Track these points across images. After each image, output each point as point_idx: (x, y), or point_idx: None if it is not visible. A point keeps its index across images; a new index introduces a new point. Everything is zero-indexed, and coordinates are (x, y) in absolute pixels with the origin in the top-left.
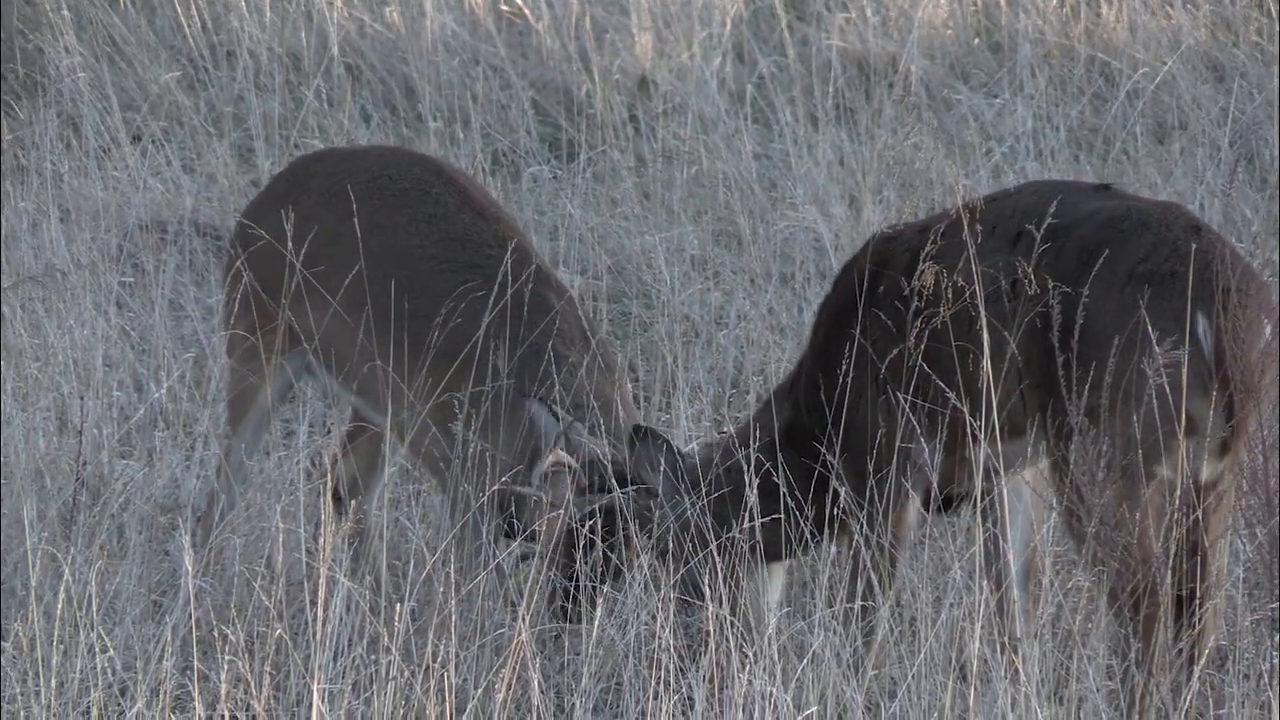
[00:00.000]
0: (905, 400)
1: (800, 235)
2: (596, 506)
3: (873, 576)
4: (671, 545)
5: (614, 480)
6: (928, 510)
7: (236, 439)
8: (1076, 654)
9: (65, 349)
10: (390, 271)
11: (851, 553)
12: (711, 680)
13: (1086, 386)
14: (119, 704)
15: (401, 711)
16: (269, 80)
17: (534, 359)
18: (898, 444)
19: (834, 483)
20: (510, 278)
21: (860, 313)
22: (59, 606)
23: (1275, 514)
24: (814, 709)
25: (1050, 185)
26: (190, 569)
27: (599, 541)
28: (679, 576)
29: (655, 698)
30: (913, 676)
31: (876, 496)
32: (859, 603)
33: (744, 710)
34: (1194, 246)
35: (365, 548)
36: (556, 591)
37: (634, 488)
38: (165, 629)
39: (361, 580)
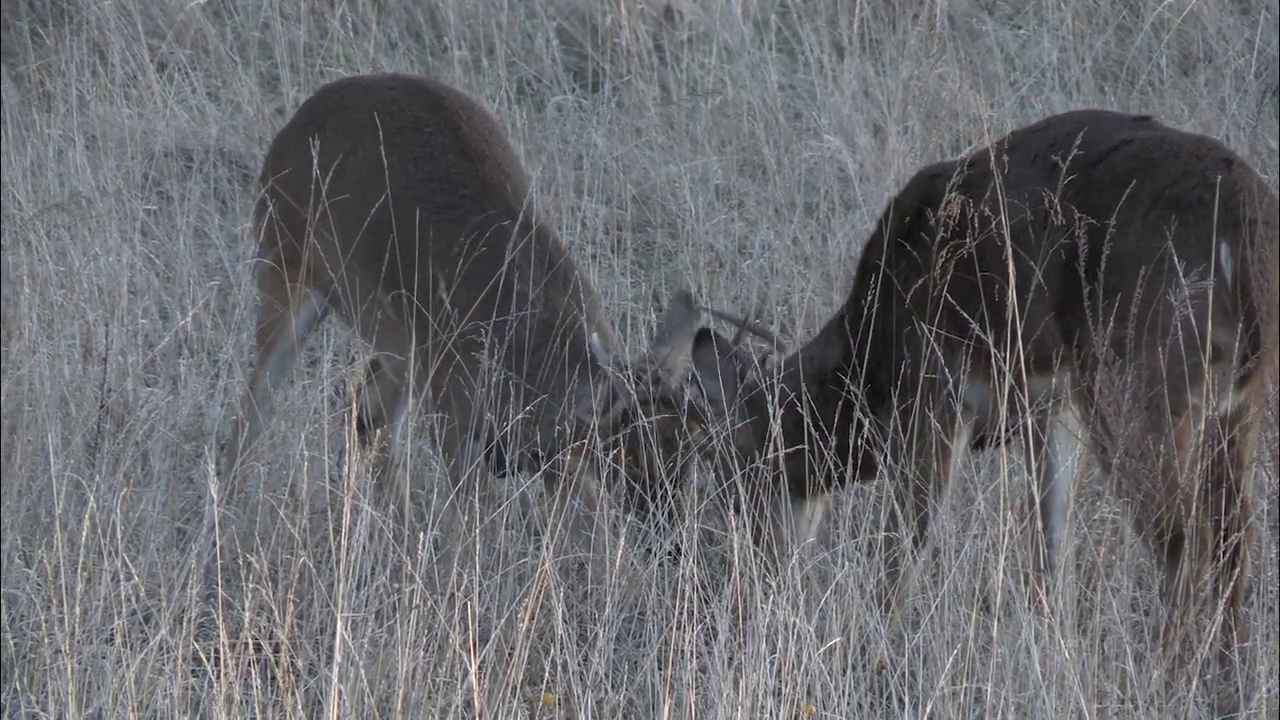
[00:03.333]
0: (936, 333)
1: (825, 165)
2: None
3: (897, 509)
4: (730, 450)
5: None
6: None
7: (262, 368)
8: (1101, 586)
9: (90, 276)
10: (378, 214)
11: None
12: (735, 610)
13: (1112, 316)
14: (143, 631)
15: (424, 640)
16: (294, 8)
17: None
18: (940, 378)
19: (858, 414)
20: (485, 216)
21: (906, 249)
22: (83, 534)
23: None
24: (837, 640)
25: (1092, 115)
26: (215, 497)
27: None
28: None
29: (678, 628)
30: (936, 608)
31: (901, 429)
32: (883, 533)
33: (767, 641)
34: (1221, 177)
35: (389, 476)
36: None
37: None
38: (189, 557)
39: (385, 509)
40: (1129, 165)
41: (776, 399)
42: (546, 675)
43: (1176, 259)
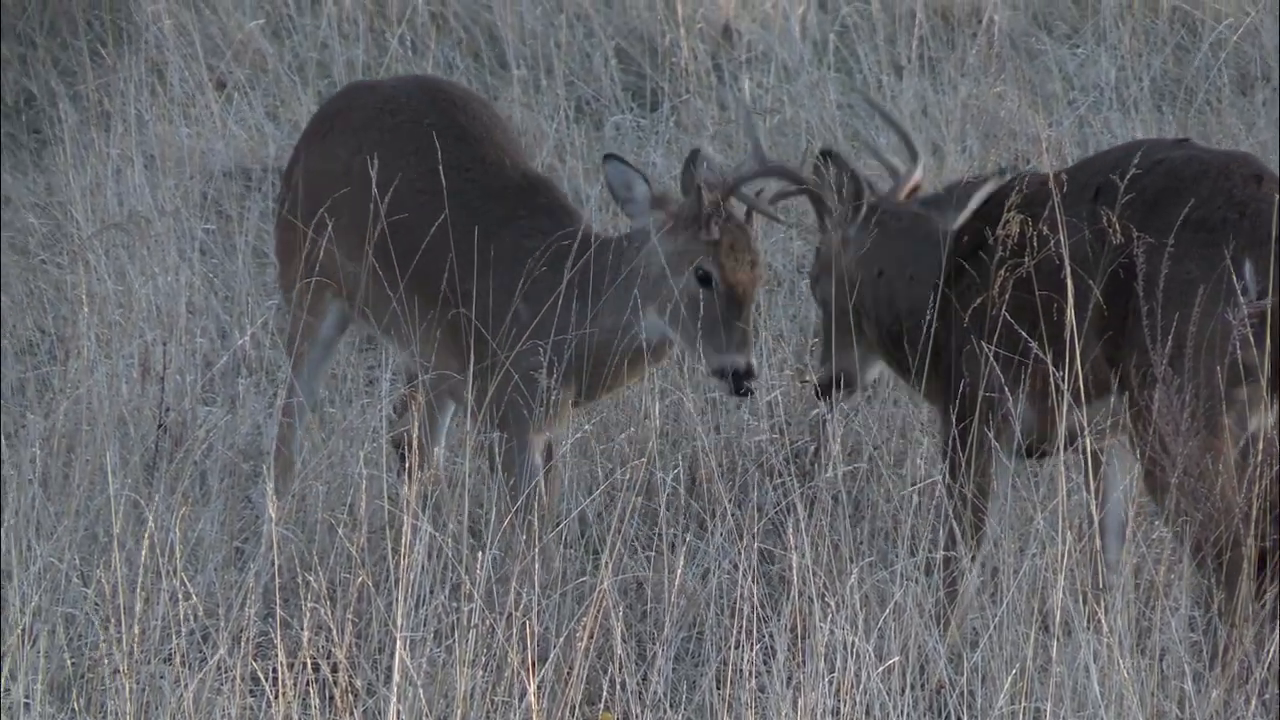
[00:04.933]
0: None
1: (883, 184)
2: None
3: (955, 528)
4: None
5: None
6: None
7: (294, 377)
8: (1159, 605)
9: (149, 296)
10: (384, 209)
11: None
12: (793, 630)
13: (1139, 333)
14: (201, 651)
15: (483, 660)
16: (353, 27)
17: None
18: (998, 397)
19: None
20: (485, 196)
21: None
22: (142, 553)
23: None
24: (896, 659)
25: (1136, 144)
26: (273, 515)
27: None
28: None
29: (737, 647)
30: (995, 627)
31: (960, 447)
32: (941, 553)
33: (826, 660)
34: (1248, 194)
35: (442, 493)
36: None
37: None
38: (247, 576)
39: (444, 527)
40: (1161, 184)
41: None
42: (605, 695)
43: (1203, 278)
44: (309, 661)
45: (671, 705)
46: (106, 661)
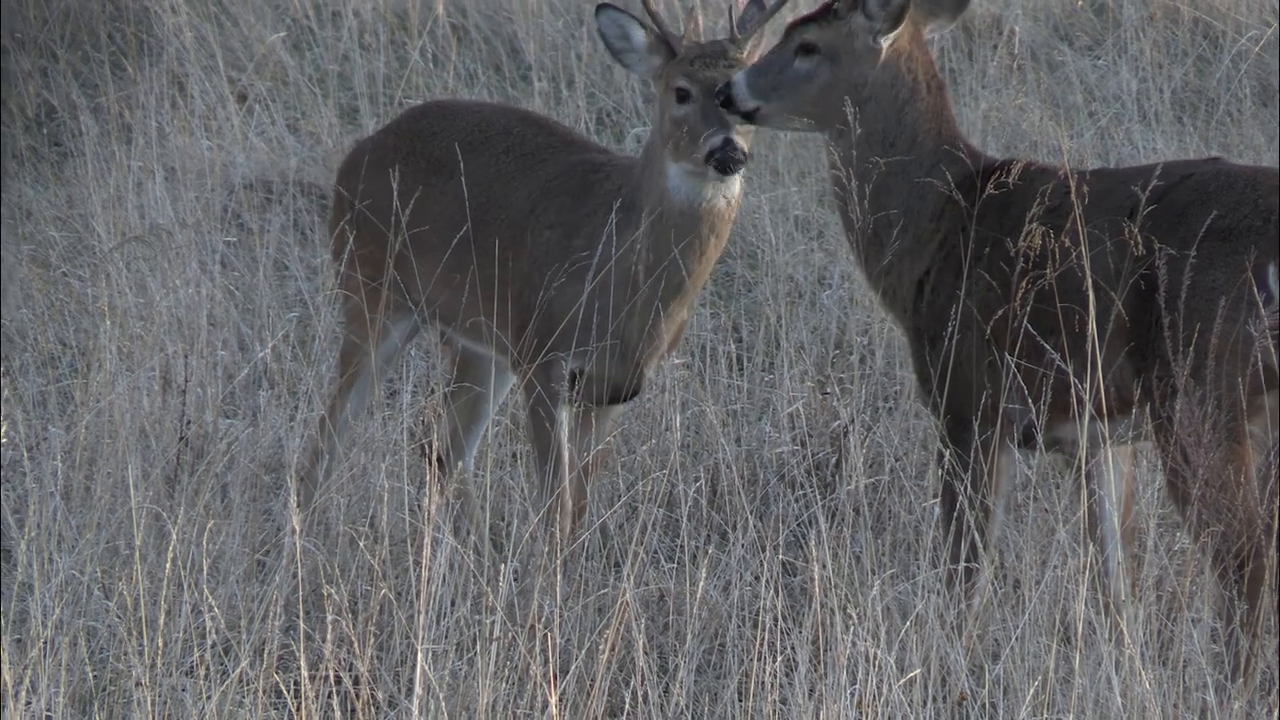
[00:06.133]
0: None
1: None
2: None
3: (977, 539)
4: None
5: None
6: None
7: (342, 398)
8: (1181, 617)
9: (170, 308)
10: (479, 201)
11: (955, 514)
12: (815, 642)
13: (1161, 344)
14: (223, 663)
15: (505, 672)
16: (374, 39)
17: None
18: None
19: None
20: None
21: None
22: (164, 566)
23: None
24: (917, 671)
25: (1167, 163)
26: (296, 528)
27: None
28: None
29: (759, 659)
30: (1016, 639)
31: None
32: (962, 564)
33: (847, 672)
34: (1274, 203)
35: (467, 507)
36: None
37: None
38: (269, 589)
39: (465, 540)
40: (1188, 198)
41: None
42: (627, 707)
43: (1226, 287)
44: (331, 674)
45: (694, 717)
46: (128, 674)
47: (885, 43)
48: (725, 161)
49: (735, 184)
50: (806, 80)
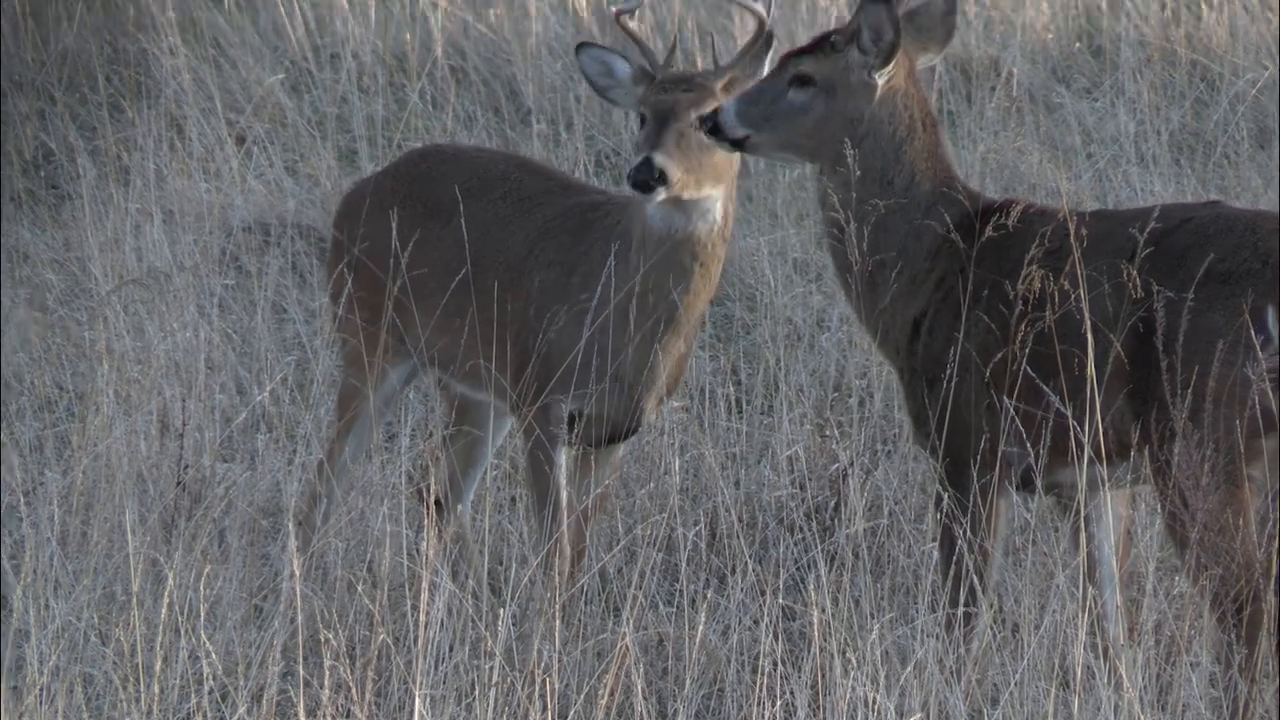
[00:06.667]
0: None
1: None
2: None
3: (976, 584)
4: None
5: None
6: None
7: (340, 442)
8: (1180, 661)
9: (167, 352)
10: (477, 245)
11: (954, 558)
12: (814, 686)
13: (1160, 387)
14: (220, 710)
15: (504, 717)
16: (372, 82)
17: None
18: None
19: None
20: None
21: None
22: (161, 612)
23: None
24: (917, 716)
25: (1166, 206)
26: (296, 572)
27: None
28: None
29: (758, 704)
30: (1015, 683)
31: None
32: (961, 608)
33: (847, 717)
34: (1274, 246)
35: (465, 551)
36: None
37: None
38: (267, 634)
39: (464, 585)
40: (1188, 241)
41: None
42: None
43: (1225, 330)
44: None
45: None
46: None
47: (880, 79)
48: (637, 181)
49: (715, 210)
50: (801, 112)
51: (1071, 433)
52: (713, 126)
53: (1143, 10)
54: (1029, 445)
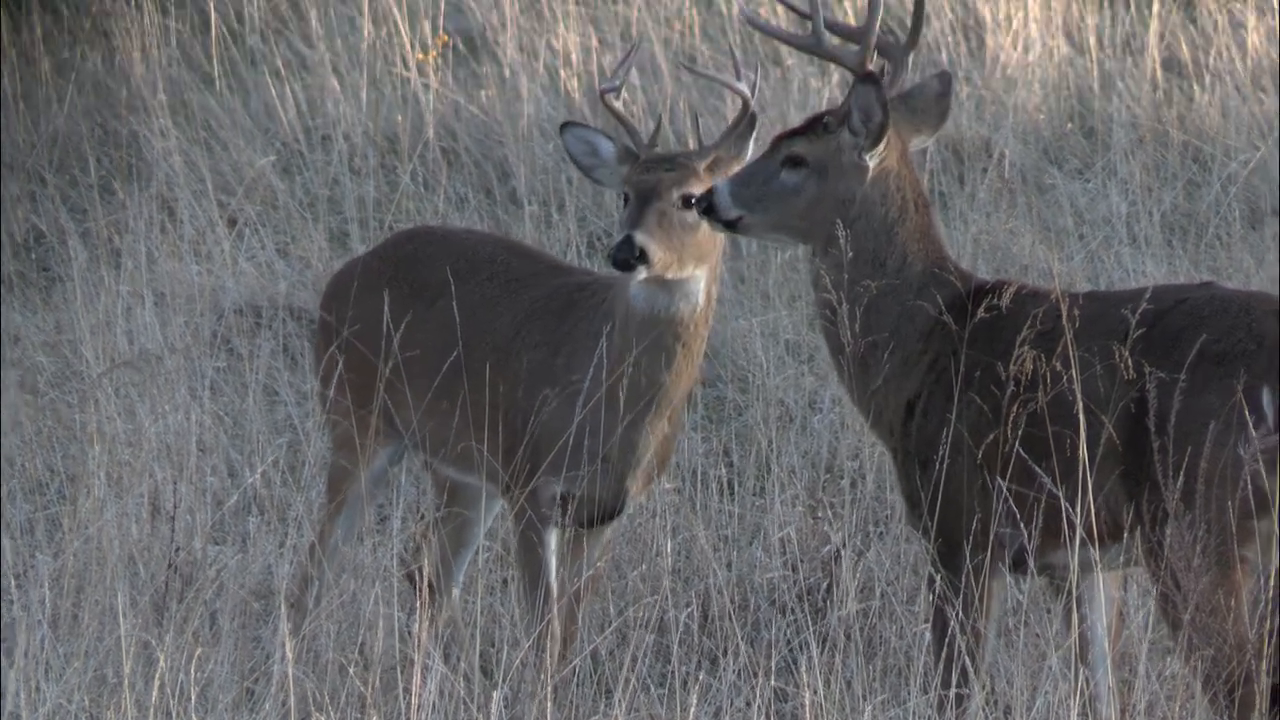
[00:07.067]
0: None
1: None
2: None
3: (969, 664)
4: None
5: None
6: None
7: (331, 524)
8: None
9: (159, 434)
10: (468, 328)
11: (947, 639)
12: None
13: (1153, 468)
14: None
15: None
16: (364, 163)
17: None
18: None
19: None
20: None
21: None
22: (152, 695)
23: None
24: None
25: (1156, 286)
26: (289, 654)
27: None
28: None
29: None
30: None
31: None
32: (954, 689)
33: None
34: (1268, 327)
35: (456, 633)
36: None
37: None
38: (258, 717)
39: (455, 667)
40: (1183, 323)
41: None
42: None
43: (1217, 411)
44: None
45: None
46: None
47: (872, 160)
48: (617, 259)
49: (698, 291)
50: (794, 193)
51: (1064, 514)
52: (707, 207)
53: (1135, 91)
54: (1022, 526)
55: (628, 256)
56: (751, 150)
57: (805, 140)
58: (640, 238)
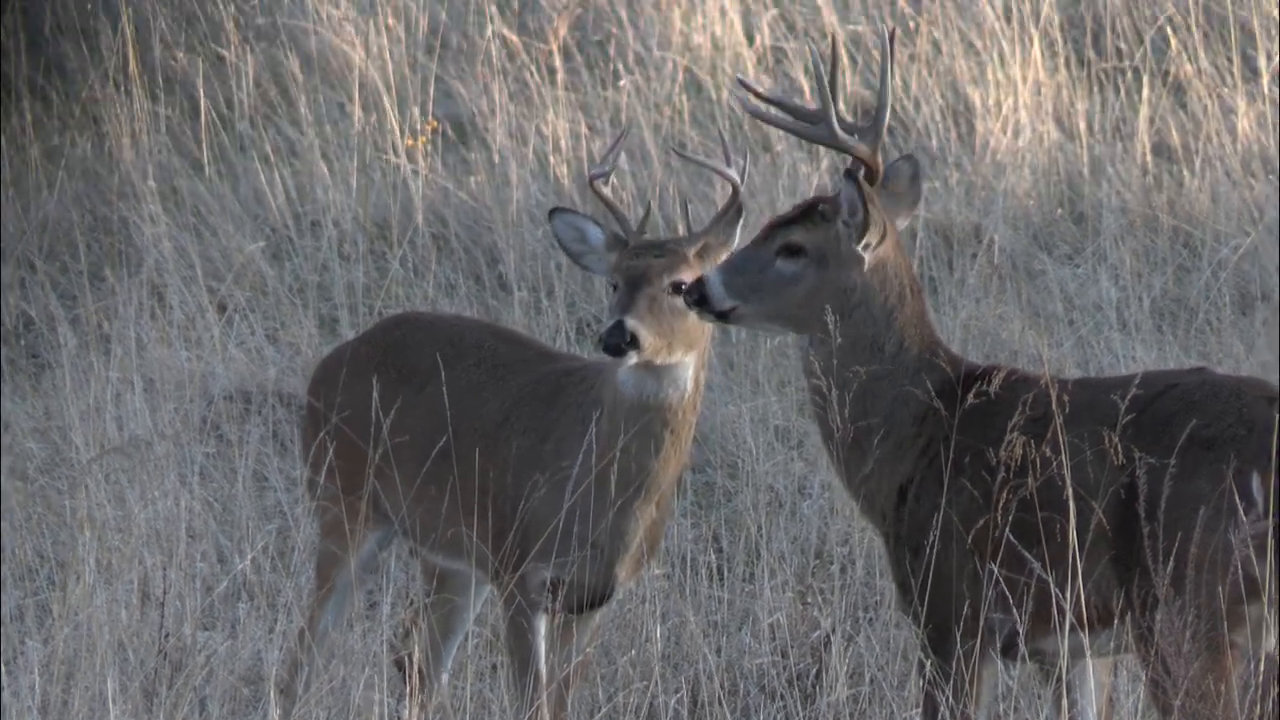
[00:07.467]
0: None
1: None
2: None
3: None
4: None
5: None
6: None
7: (320, 609)
8: None
9: (148, 520)
10: (457, 414)
11: None
12: None
13: (1142, 554)
14: None
15: None
16: (353, 249)
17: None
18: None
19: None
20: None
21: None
22: None
23: None
24: None
25: (1147, 372)
26: None
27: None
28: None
29: None
30: None
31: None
32: None
33: None
34: (1259, 412)
35: (445, 719)
36: None
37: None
38: None
39: None
40: (1173, 408)
41: None
42: None
43: (1206, 496)
44: None
45: None
46: None
47: (866, 251)
48: (609, 344)
49: (686, 377)
50: (791, 282)
51: (1054, 600)
52: (699, 298)
53: (1125, 176)
54: (1012, 612)
55: (619, 341)
56: (739, 236)
57: (802, 229)
58: (631, 323)
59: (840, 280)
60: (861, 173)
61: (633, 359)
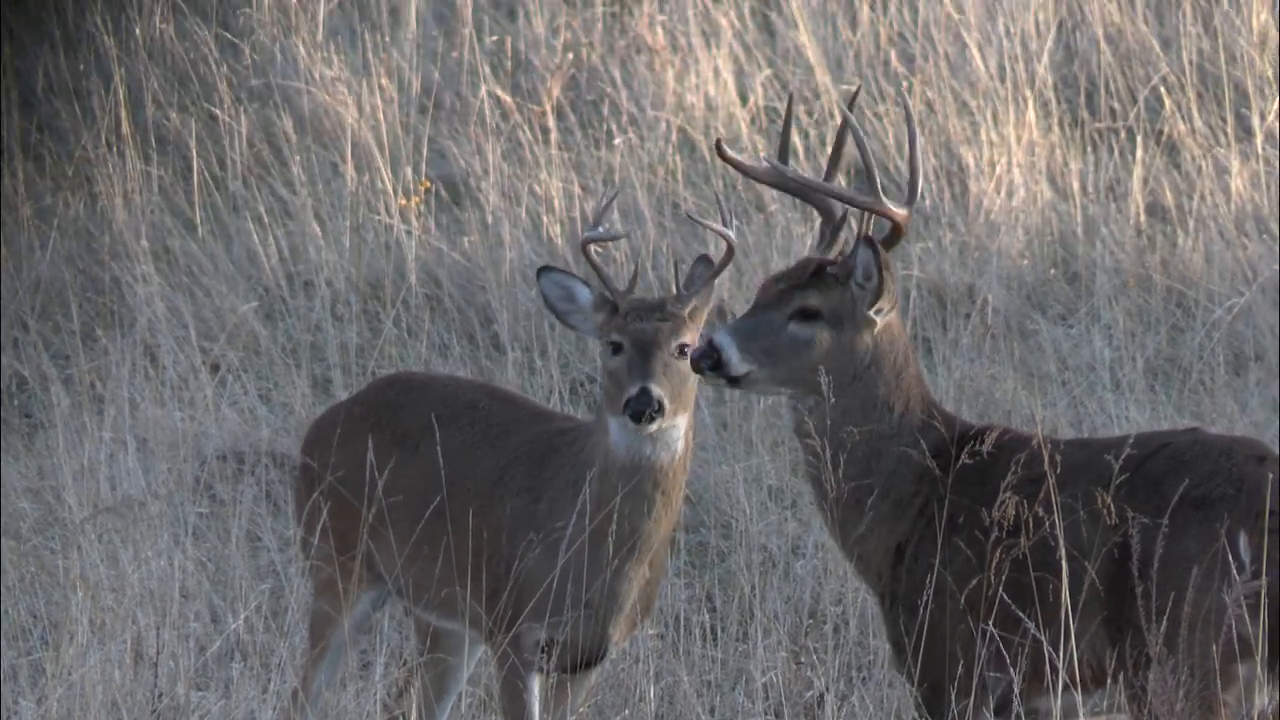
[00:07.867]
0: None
1: None
2: None
3: None
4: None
5: None
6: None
7: (314, 669)
8: None
9: (141, 580)
10: (450, 474)
11: None
12: None
13: (1135, 614)
14: None
15: None
16: (346, 309)
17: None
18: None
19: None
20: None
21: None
22: None
23: None
24: None
25: (1139, 433)
26: None
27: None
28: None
29: None
30: None
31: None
32: None
33: None
34: (1249, 471)
35: None
36: None
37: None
38: None
39: None
40: (1165, 468)
41: None
42: None
43: (1198, 556)
44: None
45: None
46: None
47: (879, 316)
48: (637, 411)
49: (678, 438)
50: (807, 345)
51: (1047, 659)
52: (715, 363)
53: (1118, 237)
54: (1006, 671)
55: (646, 408)
56: (714, 294)
57: (817, 292)
58: (656, 390)
59: (854, 343)
60: (883, 238)
61: (654, 425)
